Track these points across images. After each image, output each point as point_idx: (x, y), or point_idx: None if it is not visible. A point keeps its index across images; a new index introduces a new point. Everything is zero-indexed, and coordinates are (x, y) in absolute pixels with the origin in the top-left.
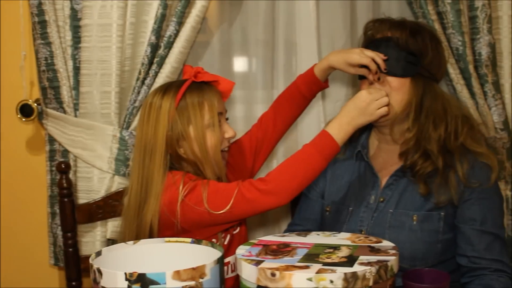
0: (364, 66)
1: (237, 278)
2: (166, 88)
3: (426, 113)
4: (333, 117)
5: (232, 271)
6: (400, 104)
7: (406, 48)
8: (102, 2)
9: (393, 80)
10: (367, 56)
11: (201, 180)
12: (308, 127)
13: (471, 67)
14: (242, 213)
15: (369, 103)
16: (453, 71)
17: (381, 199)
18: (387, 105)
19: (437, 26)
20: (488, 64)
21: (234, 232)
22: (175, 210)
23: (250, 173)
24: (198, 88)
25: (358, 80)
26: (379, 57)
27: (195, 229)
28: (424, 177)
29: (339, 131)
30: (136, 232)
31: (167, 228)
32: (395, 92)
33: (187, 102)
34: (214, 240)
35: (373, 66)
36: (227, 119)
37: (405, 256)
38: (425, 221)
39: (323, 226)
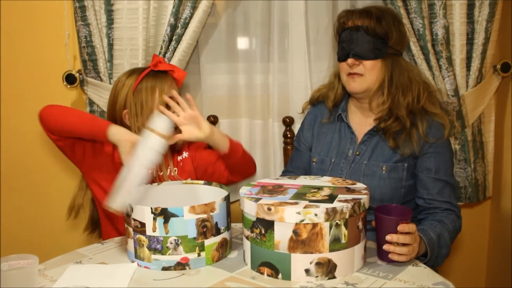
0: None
1: None
2: (132, 72)
3: (396, 85)
4: (318, 85)
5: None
6: (376, 81)
7: (374, 34)
8: None
9: (367, 63)
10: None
11: None
12: (298, 93)
13: (429, 45)
14: None
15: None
16: (414, 48)
17: (357, 153)
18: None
19: (402, 11)
20: (443, 43)
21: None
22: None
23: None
24: (154, 75)
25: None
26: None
27: None
28: (393, 134)
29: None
30: None
31: None
32: (370, 72)
33: (142, 87)
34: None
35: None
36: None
37: (376, 198)
38: (392, 171)
39: (310, 173)
